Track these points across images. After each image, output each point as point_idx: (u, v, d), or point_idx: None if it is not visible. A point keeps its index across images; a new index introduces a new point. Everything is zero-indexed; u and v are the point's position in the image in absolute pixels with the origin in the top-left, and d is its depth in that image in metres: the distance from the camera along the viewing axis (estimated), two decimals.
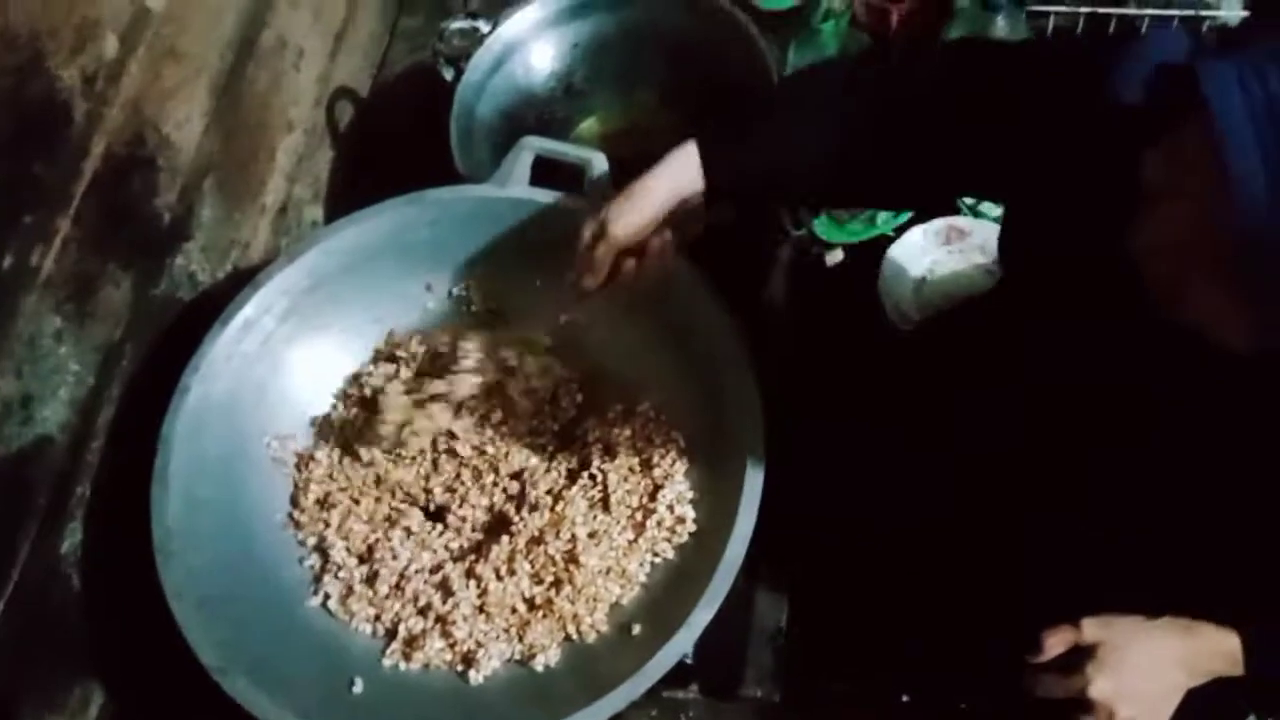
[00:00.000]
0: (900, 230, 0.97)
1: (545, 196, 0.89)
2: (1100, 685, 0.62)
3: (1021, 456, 0.73)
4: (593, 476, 0.86)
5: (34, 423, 0.78)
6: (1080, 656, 0.63)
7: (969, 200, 0.97)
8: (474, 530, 0.87)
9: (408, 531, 0.88)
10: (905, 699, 0.88)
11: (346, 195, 1.15)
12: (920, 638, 0.86)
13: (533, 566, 0.83)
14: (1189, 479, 0.61)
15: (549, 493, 0.86)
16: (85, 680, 0.85)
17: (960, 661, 0.84)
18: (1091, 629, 0.63)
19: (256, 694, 0.73)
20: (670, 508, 0.83)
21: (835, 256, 1.00)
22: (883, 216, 0.98)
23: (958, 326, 0.85)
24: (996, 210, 0.97)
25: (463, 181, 0.94)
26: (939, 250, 0.95)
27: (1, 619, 0.75)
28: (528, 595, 0.82)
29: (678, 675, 0.76)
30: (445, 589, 0.83)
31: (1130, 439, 0.64)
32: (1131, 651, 0.63)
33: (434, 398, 0.86)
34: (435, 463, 0.90)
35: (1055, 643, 0.64)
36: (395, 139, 1.16)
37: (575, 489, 0.85)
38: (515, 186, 0.89)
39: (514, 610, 0.82)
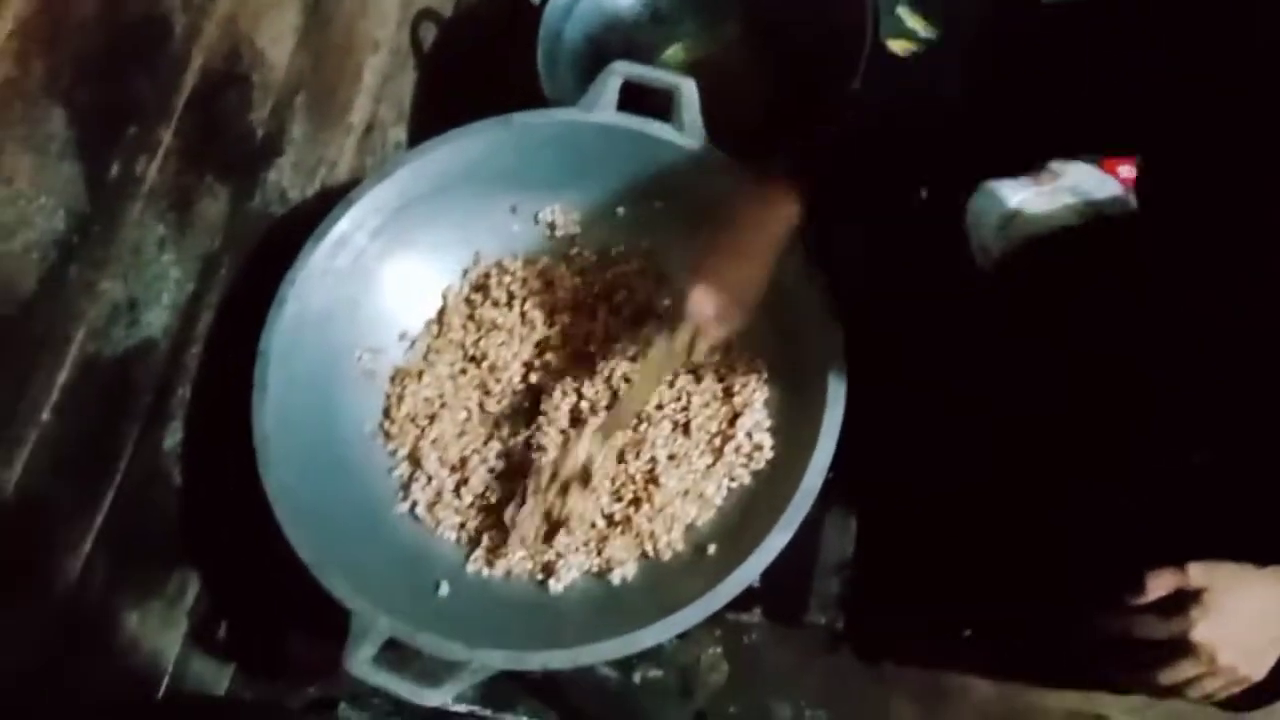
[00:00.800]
0: None
1: (632, 123, 0.89)
2: (1204, 630, 0.61)
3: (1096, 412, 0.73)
4: (676, 399, 0.87)
5: (139, 326, 0.81)
6: (1184, 600, 0.62)
7: None
8: (561, 445, 0.89)
9: (498, 442, 0.90)
10: (967, 633, 0.89)
11: (430, 117, 1.16)
12: (985, 575, 0.86)
13: (614, 484, 0.85)
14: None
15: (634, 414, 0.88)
16: (183, 569, 0.90)
17: (1025, 600, 0.85)
18: (1198, 573, 0.62)
19: (352, 591, 0.76)
20: (749, 434, 0.84)
21: (924, 192, 0.98)
22: None
23: (1042, 266, 0.83)
24: None
25: (548, 105, 0.95)
26: (1028, 189, 0.93)
27: (108, 510, 0.80)
28: (607, 511, 0.85)
29: (743, 599, 0.77)
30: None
31: (1217, 404, 0.63)
32: (1238, 598, 0.62)
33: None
34: (527, 376, 0.93)
35: (1159, 584, 0.63)
36: (479, 61, 1.16)
37: (659, 411, 0.86)
38: (603, 111, 0.89)
39: (593, 525, 0.85)
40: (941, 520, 0.87)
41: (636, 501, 0.84)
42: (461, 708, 0.91)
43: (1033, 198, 0.92)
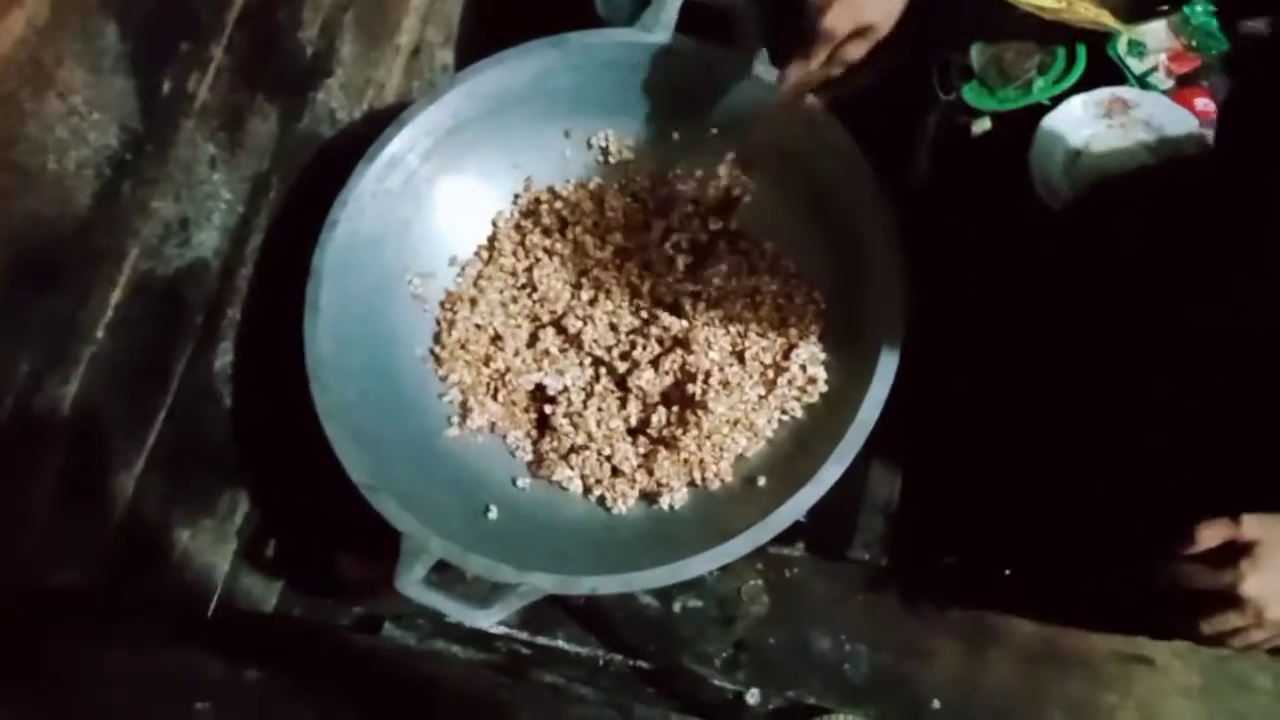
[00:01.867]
0: (1057, 100, 0.91)
1: (691, 45, 0.86)
2: (1253, 582, 0.60)
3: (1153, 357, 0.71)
4: (732, 322, 0.86)
5: (190, 245, 0.81)
6: (1234, 552, 0.61)
7: (1137, 69, 0.90)
8: (615, 359, 0.89)
9: (548, 368, 0.90)
10: (1008, 573, 0.88)
11: (478, 40, 1.13)
12: (1033, 517, 0.85)
13: (665, 403, 0.85)
14: None
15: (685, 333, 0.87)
16: (234, 488, 0.92)
17: (1073, 544, 0.84)
18: (1251, 525, 0.61)
19: (403, 513, 0.77)
20: (803, 367, 0.84)
21: (983, 125, 0.94)
22: (1040, 83, 0.92)
23: (1116, 207, 0.80)
24: (1168, 83, 0.90)
25: (602, 27, 0.92)
26: (1099, 123, 0.89)
27: (160, 428, 0.81)
28: (656, 426, 0.85)
29: (788, 533, 0.77)
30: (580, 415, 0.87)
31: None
32: None
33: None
34: (578, 293, 0.92)
35: (1210, 535, 0.61)
36: None
37: (715, 331, 0.86)
38: (661, 32, 0.86)
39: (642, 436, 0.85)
40: (991, 460, 0.86)
41: (684, 424, 0.84)
42: (501, 631, 0.93)
43: (1103, 132, 0.89)
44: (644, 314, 0.90)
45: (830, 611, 0.90)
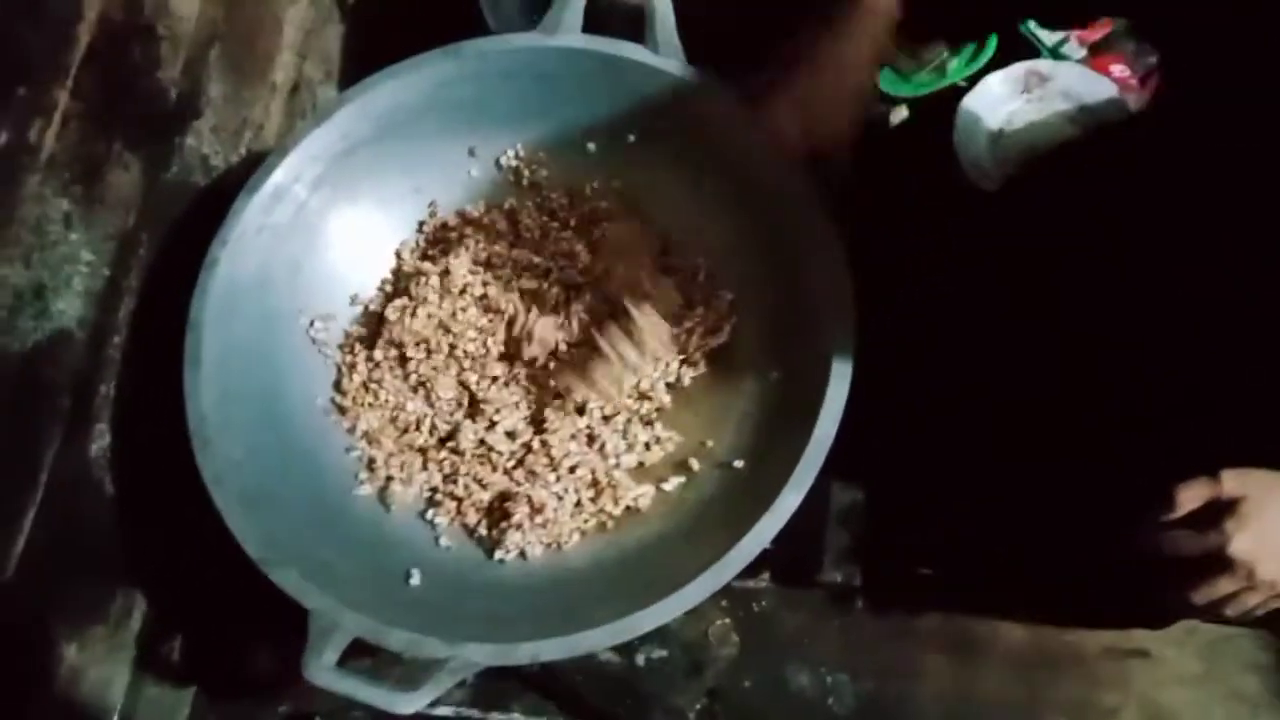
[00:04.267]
0: (974, 80, 0.89)
1: (600, 45, 0.80)
2: (1241, 542, 0.56)
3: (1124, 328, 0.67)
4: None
5: (49, 316, 0.72)
6: (1217, 512, 0.57)
7: (1049, 40, 0.88)
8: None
9: (467, 411, 0.82)
10: (985, 579, 0.83)
11: (362, 72, 1.06)
12: (1005, 511, 0.81)
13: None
14: None
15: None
16: (126, 588, 0.81)
17: (1045, 539, 0.80)
18: (1231, 482, 0.57)
19: (307, 586, 0.68)
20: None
21: (900, 114, 0.92)
22: (954, 64, 0.90)
23: (1052, 180, 0.77)
24: (1080, 53, 0.88)
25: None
26: (1018, 99, 0.87)
27: (30, 532, 0.71)
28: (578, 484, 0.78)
29: (752, 563, 0.70)
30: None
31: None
32: (1275, 506, 0.57)
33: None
34: (496, 324, 0.85)
35: (1190, 497, 0.57)
36: (408, 6, 1.07)
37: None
38: (566, 34, 0.80)
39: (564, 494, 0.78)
40: (955, 454, 0.81)
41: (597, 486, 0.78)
42: (448, 710, 0.84)
43: (1023, 107, 0.87)
44: (574, 336, 0.83)
45: (805, 643, 0.83)
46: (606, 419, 0.81)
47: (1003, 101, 0.87)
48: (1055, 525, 0.78)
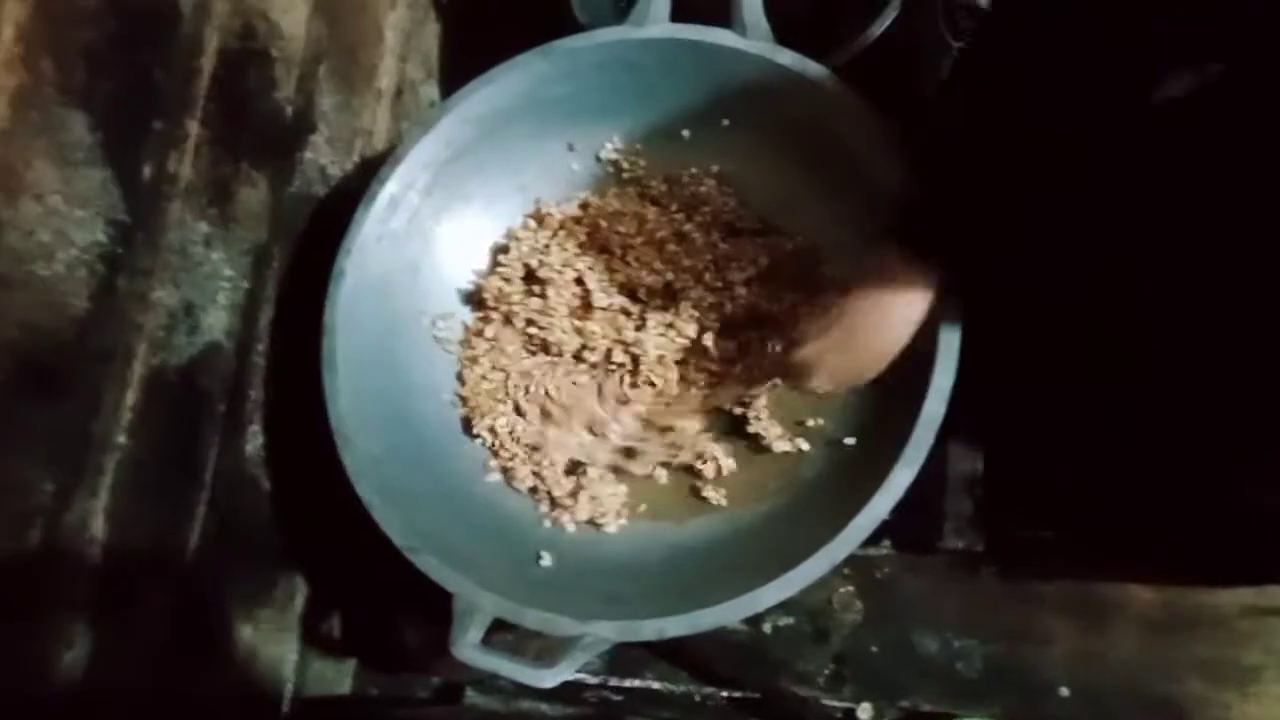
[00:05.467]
0: None
1: (688, 32, 0.80)
2: None
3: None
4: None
5: (200, 331, 0.78)
6: None
7: None
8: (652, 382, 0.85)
9: (584, 396, 0.86)
10: (1112, 538, 0.81)
11: (462, 69, 1.07)
12: (1131, 470, 0.79)
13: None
14: None
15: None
16: (288, 573, 0.88)
17: (1175, 496, 0.77)
18: None
19: (447, 571, 0.73)
20: None
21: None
22: None
23: None
24: None
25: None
26: None
27: (202, 525, 0.78)
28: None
29: (872, 532, 0.71)
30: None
31: None
32: None
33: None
34: (605, 311, 0.87)
35: None
36: (503, 1, 1.09)
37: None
38: (654, 25, 0.80)
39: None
40: (1078, 416, 0.79)
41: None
42: (589, 679, 0.88)
43: None
44: (687, 324, 0.84)
45: (931, 608, 0.83)
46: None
47: None
48: (1186, 481, 0.76)
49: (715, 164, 0.88)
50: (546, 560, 0.80)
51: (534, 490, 0.85)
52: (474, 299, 0.91)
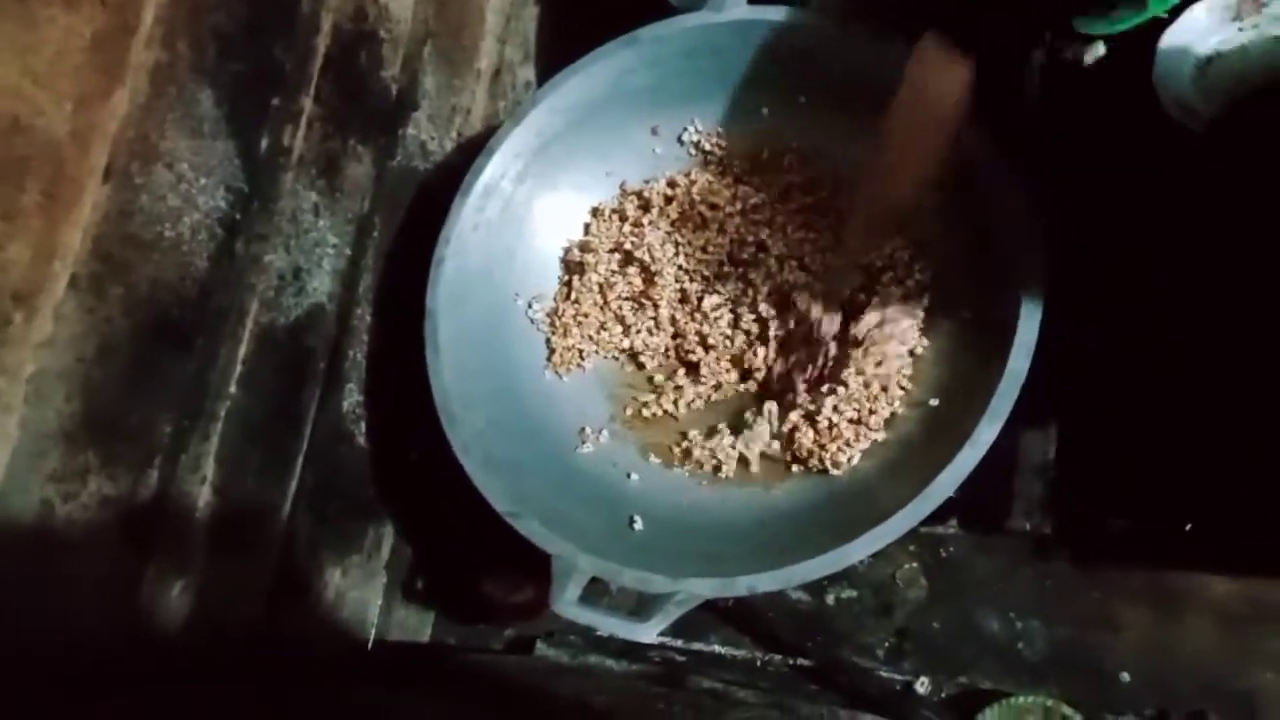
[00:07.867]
0: (1176, 11, 0.83)
1: (764, 13, 0.83)
2: None
3: None
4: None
5: (305, 293, 0.83)
6: None
7: None
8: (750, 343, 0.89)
9: (666, 370, 0.90)
10: (1188, 527, 0.80)
11: (558, 51, 1.13)
12: (1208, 458, 0.78)
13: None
14: None
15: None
16: (376, 525, 0.93)
17: (1254, 485, 0.76)
18: None
19: (548, 534, 0.77)
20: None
21: (1095, 52, 0.87)
22: None
23: (1266, 116, 0.72)
24: None
25: (676, 14, 0.90)
26: (1228, 28, 0.80)
27: (300, 475, 0.84)
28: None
29: (939, 510, 0.72)
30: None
31: None
32: None
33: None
34: (688, 297, 0.91)
35: None
36: None
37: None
38: (734, 9, 0.83)
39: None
40: (1154, 403, 0.78)
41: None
42: (655, 640, 0.91)
43: (1234, 36, 0.81)
44: (767, 296, 0.88)
45: (995, 588, 0.84)
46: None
47: (1210, 32, 0.80)
48: (1265, 470, 0.74)
49: (794, 140, 0.90)
50: (639, 524, 0.84)
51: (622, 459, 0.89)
52: (565, 278, 0.96)
